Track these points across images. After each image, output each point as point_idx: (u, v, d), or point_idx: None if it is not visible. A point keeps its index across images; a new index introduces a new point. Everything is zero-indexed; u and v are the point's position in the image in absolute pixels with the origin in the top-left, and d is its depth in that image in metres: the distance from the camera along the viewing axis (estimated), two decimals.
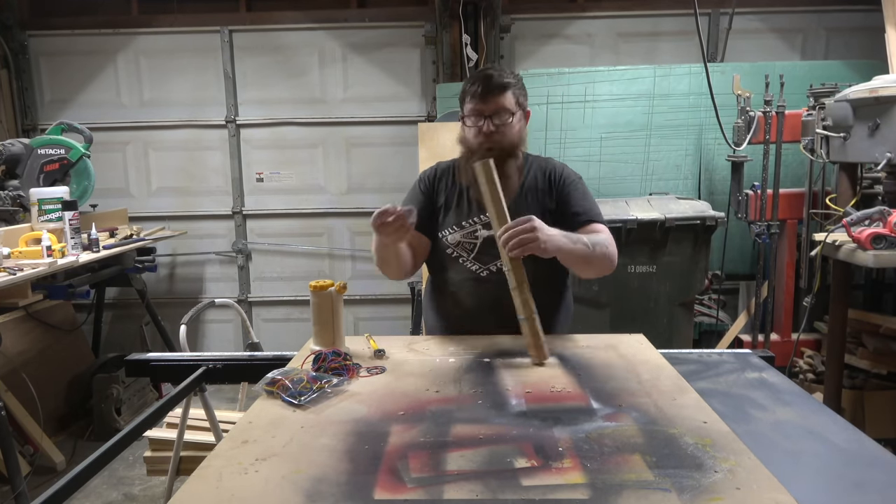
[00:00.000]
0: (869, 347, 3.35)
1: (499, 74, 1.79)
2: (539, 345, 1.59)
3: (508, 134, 1.79)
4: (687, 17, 4.31)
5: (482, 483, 1.02)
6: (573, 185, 1.89)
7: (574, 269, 1.80)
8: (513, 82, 1.80)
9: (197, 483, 1.05)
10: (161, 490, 3.04)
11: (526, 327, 1.61)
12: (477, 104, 1.77)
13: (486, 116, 1.76)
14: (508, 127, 1.78)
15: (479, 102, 1.77)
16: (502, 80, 1.78)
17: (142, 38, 4.67)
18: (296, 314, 4.89)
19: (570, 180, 1.90)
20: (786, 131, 3.65)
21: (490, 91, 1.76)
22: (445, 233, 1.90)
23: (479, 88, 1.76)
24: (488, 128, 1.76)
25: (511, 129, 1.79)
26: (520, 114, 1.82)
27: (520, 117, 1.83)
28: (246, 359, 1.90)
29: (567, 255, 1.68)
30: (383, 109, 4.69)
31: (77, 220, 3.27)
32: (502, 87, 1.77)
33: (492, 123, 1.76)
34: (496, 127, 1.76)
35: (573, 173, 1.93)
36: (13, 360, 3.51)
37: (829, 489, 1.21)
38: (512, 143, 1.80)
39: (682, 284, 3.51)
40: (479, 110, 1.77)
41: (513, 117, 1.79)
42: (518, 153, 1.85)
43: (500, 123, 1.77)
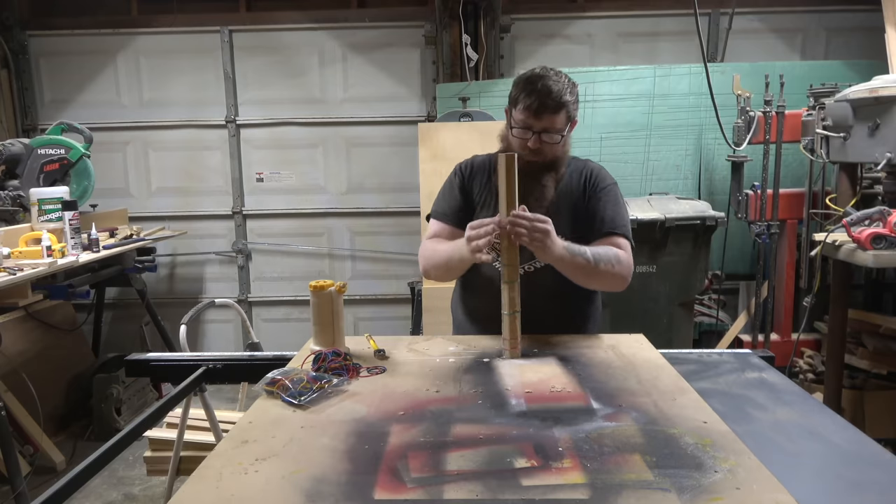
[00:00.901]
0: (869, 347, 3.35)
1: (559, 90, 1.70)
2: (515, 342, 1.64)
3: (552, 151, 1.76)
4: (687, 17, 4.31)
5: (482, 483, 1.02)
6: (605, 190, 1.84)
7: (576, 282, 1.76)
8: (570, 100, 1.72)
9: (197, 483, 1.05)
10: (161, 490, 3.04)
11: (507, 322, 1.63)
12: (528, 118, 1.71)
13: (535, 132, 1.72)
14: (555, 145, 1.75)
15: (532, 117, 1.71)
16: (561, 97, 1.70)
17: (142, 38, 4.67)
18: (296, 314, 4.89)
19: (604, 185, 1.85)
20: (786, 131, 3.65)
21: (545, 109, 1.69)
22: None
23: (536, 102, 1.69)
24: (535, 144, 1.73)
25: (556, 147, 1.76)
26: (568, 127, 1.77)
27: (567, 131, 1.78)
28: (246, 359, 1.90)
29: (564, 266, 1.68)
30: (383, 109, 4.69)
31: (77, 220, 3.27)
32: (557, 107, 1.70)
33: (539, 140, 1.72)
34: (542, 144, 1.73)
35: (608, 177, 1.89)
36: (13, 360, 3.51)
37: (829, 489, 1.21)
38: (555, 160, 1.78)
39: (682, 284, 3.51)
40: (529, 125, 1.72)
41: (562, 137, 1.75)
42: (560, 168, 1.82)
43: (548, 141, 1.73)
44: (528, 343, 1.73)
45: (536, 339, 1.77)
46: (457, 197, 1.91)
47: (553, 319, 1.83)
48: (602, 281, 1.76)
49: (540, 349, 1.70)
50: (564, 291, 1.80)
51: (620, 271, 1.75)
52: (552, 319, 1.83)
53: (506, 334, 1.64)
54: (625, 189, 4.10)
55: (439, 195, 1.96)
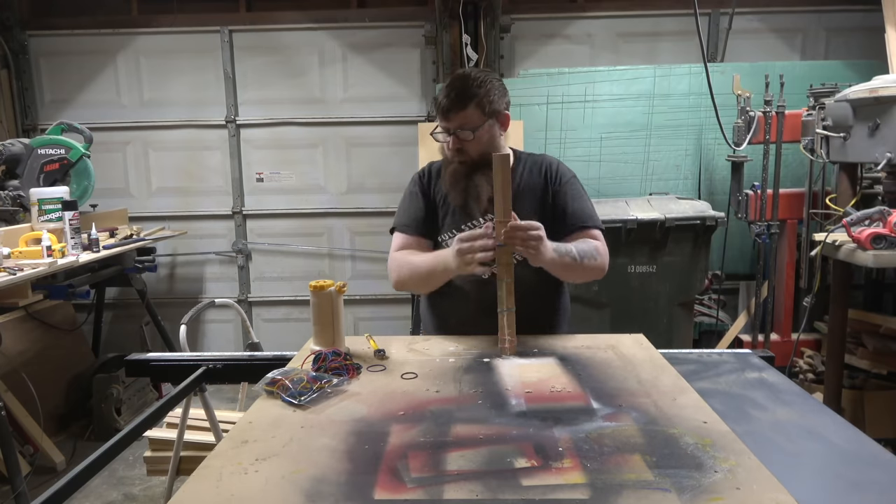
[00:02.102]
0: (869, 347, 3.35)
1: (465, 84, 1.75)
2: (511, 339, 1.66)
3: (476, 146, 1.78)
4: (687, 17, 4.31)
5: (482, 483, 1.02)
6: (569, 183, 1.89)
7: (558, 276, 1.84)
8: (478, 92, 1.75)
9: (197, 483, 1.05)
10: (161, 490, 3.04)
11: (503, 319, 1.65)
12: (441, 120, 1.79)
13: (451, 133, 1.78)
14: (475, 140, 1.77)
15: (443, 118, 1.78)
16: (467, 91, 1.74)
17: (142, 38, 4.67)
18: (296, 314, 4.89)
19: (566, 178, 1.90)
20: (786, 131, 3.65)
21: (451, 108, 1.75)
22: (445, 237, 1.89)
23: (443, 102, 1.76)
24: (453, 144, 1.78)
25: (477, 142, 1.77)
26: (488, 123, 1.78)
27: (489, 126, 1.78)
28: (246, 359, 1.90)
29: (554, 268, 1.73)
30: (383, 109, 4.69)
31: (77, 220, 3.27)
32: (463, 103, 1.74)
33: (457, 139, 1.78)
34: (460, 142, 1.77)
35: (568, 170, 1.94)
36: (13, 360, 3.51)
37: (829, 489, 1.21)
38: (481, 155, 1.78)
39: (682, 284, 3.51)
40: (445, 128, 1.79)
41: (477, 130, 1.76)
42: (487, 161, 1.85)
43: (464, 139, 1.77)
44: (528, 343, 1.74)
45: (536, 339, 1.78)
46: (420, 206, 1.92)
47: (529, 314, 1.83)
48: (585, 274, 1.81)
49: (540, 349, 1.70)
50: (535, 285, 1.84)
51: (601, 263, 1.82)
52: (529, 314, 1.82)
53: (502, 332, 1.65)
54: (625, 189, 4.18)
55: (400, 207, 1.98)
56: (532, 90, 4.22)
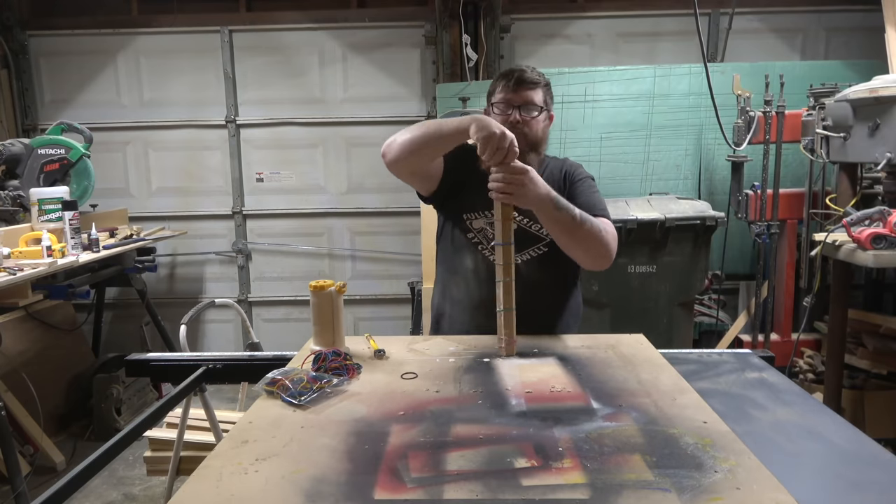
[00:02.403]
0: (869, 347, 3.35)
1: (532, 71, 1.85)
2: (511, 339, 1.65)
3: (534, 128, 1.82)
4: (687, 17, 4.32)
5: (482, 483, 1.02)
6: (583, 181, 1.92)
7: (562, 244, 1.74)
8: (544, 82, 1.86)
9: (197, 483, 1.05)
10: (161, 490, 3.04)
11: (502, 319, 1.64)
12: (508, 94, 1.82)
13: (516, 106, 1.81)
14: (535, 121, 1.82)
15: (511, 92, 1.81)
16: (535, 76, 1.84)
17: (142, 38, 4.67)
18: (296, 314, 4.89)
19: (582, 177, 1.93)
20: (786, 131, 3.65)
21: (522, 83, 1.81)
22: (471, 216, 1.89)
23: (513, 80, 1.81)
24: (515, 118, 1.79)
25: (536, 124, 1.83)
26: (545, 114, 1.86)
27: (545, 117, 1.86)
28: (246, 359, 1.89)
29: (546, 214, 1.65)
30: (383, 109, 4.69)
31: (77, 220, 3.27)
32: (534, 83, 1.83)
33: (519, 114, 1.80)
34: (522, 119, 1.80)
35: (586, 172, 1.96)
36: (13, 360, 3.51)
37: (829, 489, 1.21)
38: (535, 138, 1.84)
39: (682, 284, 3.51)
40: (509, 100, 1.81)
41: (540, 113, 1.83)
42: (540, 150, 1.88)
43: (528, 116, 1.81)
44: (528, 343, 1.74)
45: (536, 339, 1.78)
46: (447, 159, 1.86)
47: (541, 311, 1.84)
48: (586, 245, 1.72)
49: (540, 349, 1.70)
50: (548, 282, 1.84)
51: (606, 241, 1.73)
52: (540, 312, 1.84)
53: (501, 332, 1.65)
54: (625, 189, 4.18)
55: None
56: None
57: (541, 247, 1.87)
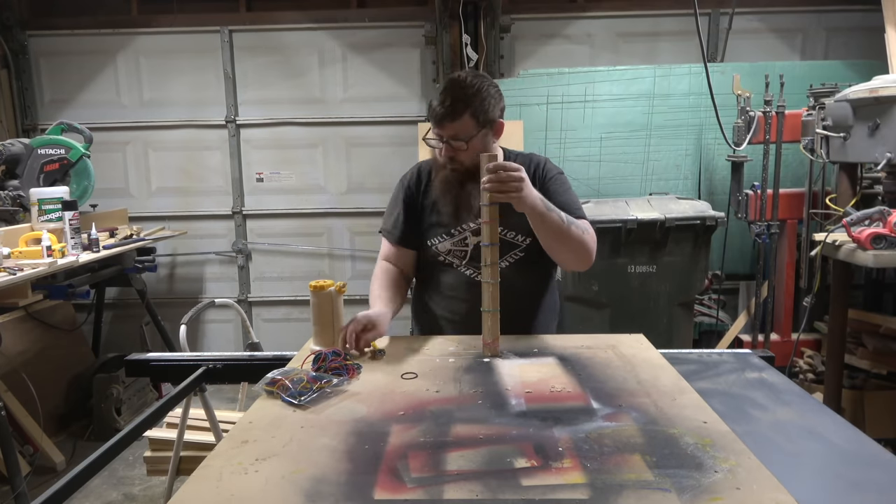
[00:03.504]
0: (869, 347, 3.35)
1: (461, 94, 1.71)
2: (494, 339, 1.65)
3: (468, 156, 1.74)
4: (687, 17, 4.31)
5: (482, 483, 1.02)
6: (555, 179, 1.88)
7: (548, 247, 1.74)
8: (473, 102, 1.71)
9: (197, 483, 1.05)
10: (161, 490, 3.04)
11: (488, 319, 1.64)
12: (434, 128, 1.75)
13: (444, 140, 1.74)
14: (469, 148, 1.73)
15: (436, 126, 1.74)
16: (462, 100, 1.70)
17: (142, 38, 4.67)
18: (296, 314, 4.89)
19: (552, 175, 1.89)
20: (786, 131, 3.65)
21: (445, 116, 1.71)
22: (435, 241, 1.88)
23: (438, 110, 1.71)
24: (446, 152, 1.75)
25: (471, 152, 1.73)
26: (482, 133, 1.74)
27: (482, 135, 1.75)
28: (246, 359, 1.90)
29: (539, 219, 1.65)
30: (383, 109, 4.69)
31: (77, 220, 3.27)
32: (458, 113, 1.70)
33: (450, 147, 1.74)
34: (456, 151, 1.74)
35: (555, 167, 1.92)
36: (13, 360, 3.51)
37: (829, 489, 1.21)
38: (473, 164, 1.73)
39: (682, 284, 3.51)
40: (438, 134, 1.75)
41: (471, 140, 1.73)
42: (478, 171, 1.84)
43: (458, 148, 1.74)
44: (528, 343, 1.74)
45: (536, 339, 1.78)
46: (401, 213, 1.92)
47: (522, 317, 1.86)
48: (572, 247, 1.72)
49: (540, 349, 1.70)
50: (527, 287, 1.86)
51: (588, 242, 1.74)
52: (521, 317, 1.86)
53: (485, 333, 1.65)
54: (625, 189, 4.18)
55: (387, 209, 1.97)
56: (532, 90, 4.22)
57: (517, 252, 1.87)
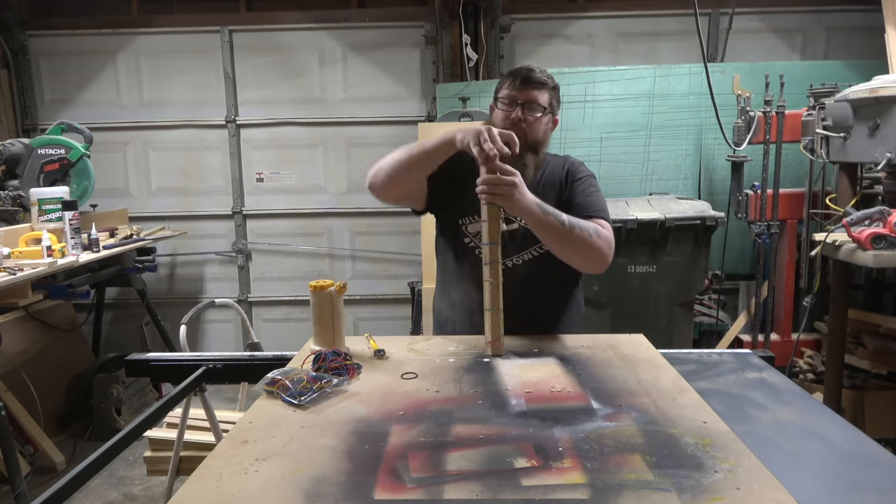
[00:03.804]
0: (869, 347, 3.35)
1: (541, 72, 1.83)
2: (498, 339, 1.64)
3: (535, 127, 1.80)
4: (687, 17, 4.31)
5: (482, 483, 1.02)
6: (583, 180, 1.89)
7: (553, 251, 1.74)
8: (551, 84, 1.84)
9: (197, 483, 1.05)
10: (161, 490, 3.04)
11: (489, 318, 1.64)
12: (512, 91, 1.80)
13: (519, 103, 1.79)
14: (537, 121, 1.80)
15: (516, 90, 1.80)
16: (543, 77, 1.82)
17: (142, 38, 4.67)
18: (296, 314, 4.89)
19: (582, 176, 1.91)
20: (786, 131, 3.65)
21: (529, 82, 1.79)
22: (466, 220, 1.88)
23: (519, 79, 1.80)
24: (517, 115, 1.78)
25: (538, 124, 1.81)
26: (549, 116, 1.84)
27: (548, 119, 1.85)
28: (246, 359, 1.89)
29: (534, 223, 1.66)
30: (383, 109, 4.69)
31: (77, 220, 3.27)
32: (541, 83, 1.81)
33: (521, 112, 1.78)
34: (524, 117, 1.78)
35: (586, 170, 1.94)
36: (13, 360, 3.51)
37: (829, 489, 1.21)
38: (536, 138, 1.81)
39: (682, 284, 3.51)
40: (514, 97, 1.80)
41: (543, 114, 1.81)
42: (539, 151, 1.87)
43: (530, 115, 1.79)
44: (528, 343, 1.74)
45: (536, 339, 1.78)
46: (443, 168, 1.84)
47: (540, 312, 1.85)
48: (578, 250, 1.71)
49: (540, 349, 1.70)
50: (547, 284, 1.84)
51: (599, 244, 1.70)
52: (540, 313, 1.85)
53: (487, 332, 1.65)
54: (625, 189, 4.18)
55: None
56: None
57: (541, 247, 1.83)
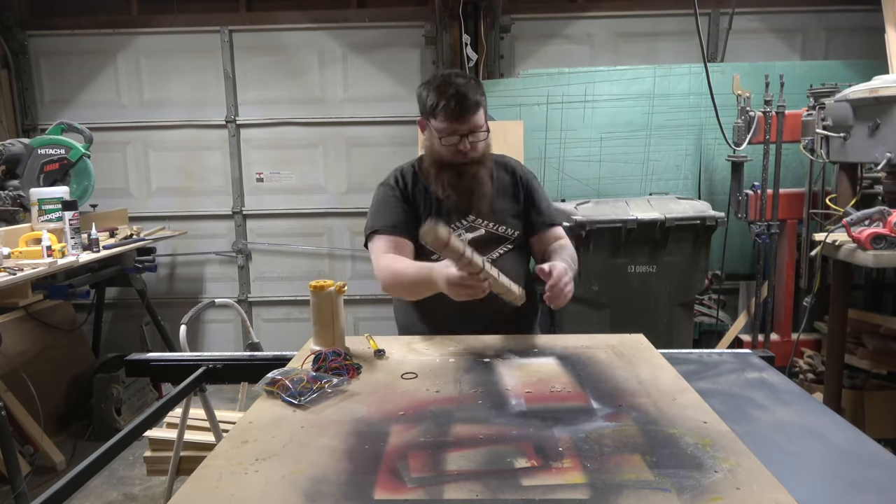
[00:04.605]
0: (869, 347, 3.35)
1: (472, 90, 1.78)
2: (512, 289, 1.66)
3: (481, 147, 1.84)
4: (687, 17, 4.31)
5: (482, 483, 1.02)
6: (533, 185, 1.99)
7: None
8: (479, 93, 1.81)
9: (197, 483, 1.05)
10: (161, 490, 3.04)
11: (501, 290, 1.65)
12: (452, 123, 1.78)
13: (463, 135, 1.79)
14: (482, 142, 1.84)
15: (455, 122, 1.77)
16: (476, 96, 1.78)
17: (142, 38, 4.67)
18: (296, 314, 4.89)
19: (529, 179, 2.00)
20: (786, 131, 3.65)
21: (466, 111, 1.76)
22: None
23: (455, 107, 1.75)
24: (465, 146, 1.80)
25: (484, 143, 1.85)
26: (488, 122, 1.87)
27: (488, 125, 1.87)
28: (246, 359, 1.90)
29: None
30: (383, 109, 4.69)
31: (77, 220, 3.27)
32: (477, 105, 1.78)
33: (467, 142, 1.80)
34: (472, 144, 1.81)
35: (530, 171, 2.04)
36: (13, 360, 3.51)
37: (829, 489, 1.21)
38: (483, 155, 1.87)
39: (682, 284, 3.51)
40: (455, 129, 1.78)
41: (487, 133, 1.84)
42: (488, 162, 1.90)
43: (475, 141, 1.81)
44: (528, 343, 1.74)
45: (536, 339, 1.78)
46: (400, 209, 1.91)
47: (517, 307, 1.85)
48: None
49: (540, 349, 1.70)
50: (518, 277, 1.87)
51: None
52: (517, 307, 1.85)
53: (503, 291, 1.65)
54: (625, 189, 4.19)
55: (375, 213, 1.96)
56: (532, 90, 4.22)
57: (507, 245, 1.94)
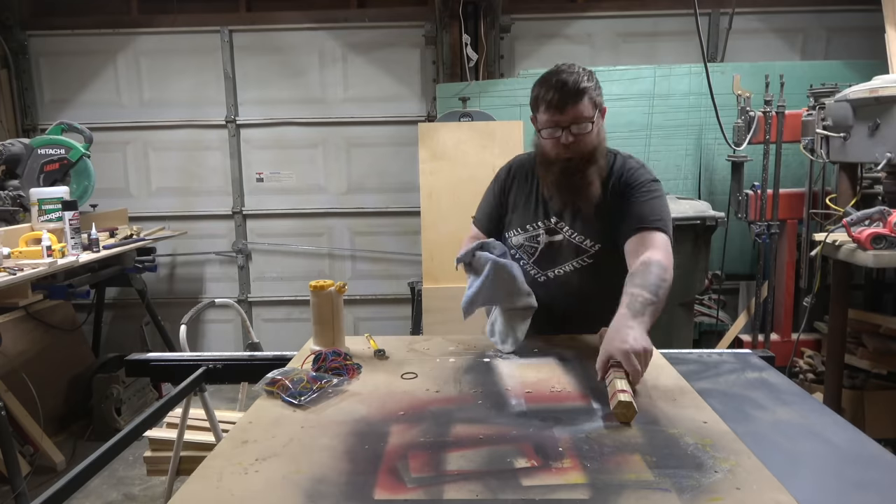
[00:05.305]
0: (869, 347, 3.35)
1: (574, 79, 1.65)
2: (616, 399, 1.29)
3: (588, 141, 1.69)
4: (687, 17, 4.31)
5: (482, 483, 1.02)
6: (640, 188, 1.75)
7: None
8: (589, 85, 1.67)
9: (197, 483, 1.05)
10: (161, 490, 3.04)
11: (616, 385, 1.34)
12: (553, 115, 1.66)
13: (564, 127, 1.66)
14: (587, 135, 1.68)
15: (556, 113, 1.66)
16: (579, 85, 1.64)
17: (142, 38, 4.67)
18: (296, 314, 4.89)
19: (640, 181, 1.76)
20: (786, 131, 3.65)
21: (567, 100, 1.64)
22: (511, 234, 1.90)
23: (555, 97, 1.64)
24: (567, 139, 1.67)
25: (590, 137, 1.69)
26: (597, 115, 1.70)
27: (597, 118, 1.70)
28: (246, 359, 1.90)
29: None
30: (383, 109, 4.69)
31: (77, 220, 3.27)
32: (579, 94, 1.64)
33: (570, 134, 1.67)
34: (575, 137, 1.67)
35: (647, 174, 1.79)
36: (13, 360, 3.51)
37: (829, 489, 1.21)
38: (593, 152, 1.70)
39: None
40: (557, 122, 1.67)
41: (592, 124, 1.68)
42: (600, 160, 1.75)
43: (579, 133, 1.67)
44: (527, 343, 1.74)
45: (537, 339, 1.78)
46: (492, 204, 1.94)
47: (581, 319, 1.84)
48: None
49: (540, 349, 1.70)
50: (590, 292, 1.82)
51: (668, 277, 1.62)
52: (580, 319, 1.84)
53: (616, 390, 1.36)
54: None
55: (483, 199, 2.00)
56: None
57: (585, 258, 1.81)
